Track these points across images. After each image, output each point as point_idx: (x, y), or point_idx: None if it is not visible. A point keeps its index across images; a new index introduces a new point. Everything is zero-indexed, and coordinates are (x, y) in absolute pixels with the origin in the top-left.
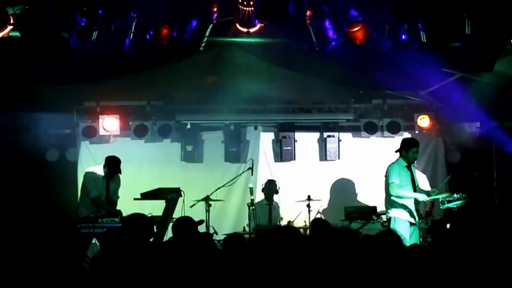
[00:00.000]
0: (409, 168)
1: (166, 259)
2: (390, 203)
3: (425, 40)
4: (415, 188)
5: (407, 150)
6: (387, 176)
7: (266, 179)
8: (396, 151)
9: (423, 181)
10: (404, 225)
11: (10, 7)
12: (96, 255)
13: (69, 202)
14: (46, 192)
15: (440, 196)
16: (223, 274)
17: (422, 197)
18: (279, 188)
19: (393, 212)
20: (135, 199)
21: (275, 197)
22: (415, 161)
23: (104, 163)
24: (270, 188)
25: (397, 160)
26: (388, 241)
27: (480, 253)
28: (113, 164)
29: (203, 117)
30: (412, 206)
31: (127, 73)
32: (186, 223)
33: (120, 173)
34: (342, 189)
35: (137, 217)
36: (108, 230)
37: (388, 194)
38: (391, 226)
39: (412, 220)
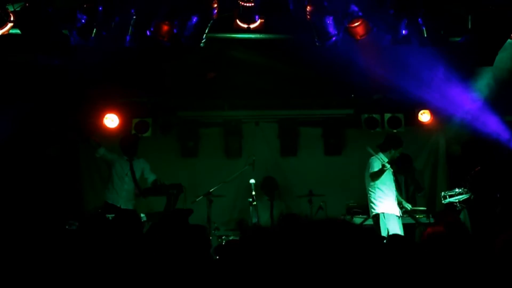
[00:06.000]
0: (389, 164)
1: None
2: (375, 198)
3: (425, 35)
4: (396, 183)
5: (396, 149)
6: (368, 169)
7: (267, 174)
8: (380, 146)
9: None
10: (394, 220)
11: (10, 5)
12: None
13: (71, 197)
14: (48, 187)
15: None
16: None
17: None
18: (278, 185)
19: (380, 208)
20: (136, 195)
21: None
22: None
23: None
24: (269, 184)
25: (378, 154)
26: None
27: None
28: (123, 145)
29: (204, 113)
30: (395, 199)
31: (128, 70)
32: (176, 215)
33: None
34: (344, 184)
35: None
36: None
37: (371, 190)
38: (381, 223)
39: (398, 213)
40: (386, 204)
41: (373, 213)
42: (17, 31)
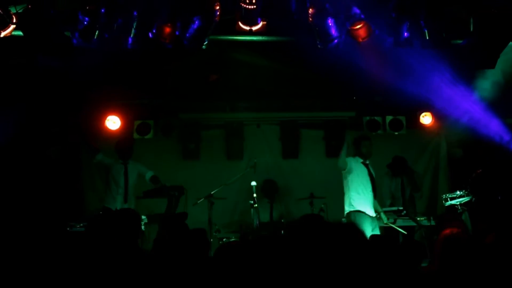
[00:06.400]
0: (365, 164)
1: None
2: (349, 197)
3: (427, 37)
4: (374, 184)
5: (358, 145)
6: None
7: (269, 177)
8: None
9: None
10: (366, 220)
11: (13, 6)
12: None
13: (72, 198)
14: (50, 188)
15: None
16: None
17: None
18: (278, 187)
19: (352, 207)
20: (137, 197)
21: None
22: (370, 156)
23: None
24: (268, 187)
25: (354, 156)
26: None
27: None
28: (118, 148)
29: (205, 115)
30: (370, 201)
31: (130, 72)
32: (173, 220)
33: (127, 152)
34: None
35: (123, 213)
36: None
37: (346, 191)
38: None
39: (371, 213)
40: (359, 204)
41: (345, 212)
42: (19, 33)
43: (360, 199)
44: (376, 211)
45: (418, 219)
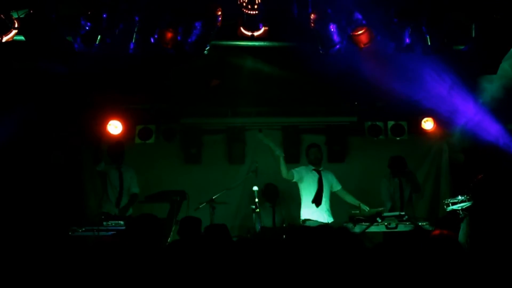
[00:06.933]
0: (317, 171)
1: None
2: (301, 205)
3: (429, 43)
4: (322, 190)
5: (307, 154)
6: None
7: (270, 181)
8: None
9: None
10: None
11: (15, 11)
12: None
13: (74, 202)
14: (51, 192)
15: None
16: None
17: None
18: (279, 191)
19: (302, 215)
20: (139, 202)
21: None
22: (319, 162)
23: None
24: (270, 191)
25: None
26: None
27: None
28: (110, 150)
29: (207, 120)
30: (314, 207)
31: (132, 77)
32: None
33: (120, 156)
34: (347, 191)
35: (144, 218)
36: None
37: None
38: None
39: (323, 220)
40: (307, 212)
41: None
42: (21, 37)
43: (307, 208)
44: (354, 205)
45: (420, 224)
